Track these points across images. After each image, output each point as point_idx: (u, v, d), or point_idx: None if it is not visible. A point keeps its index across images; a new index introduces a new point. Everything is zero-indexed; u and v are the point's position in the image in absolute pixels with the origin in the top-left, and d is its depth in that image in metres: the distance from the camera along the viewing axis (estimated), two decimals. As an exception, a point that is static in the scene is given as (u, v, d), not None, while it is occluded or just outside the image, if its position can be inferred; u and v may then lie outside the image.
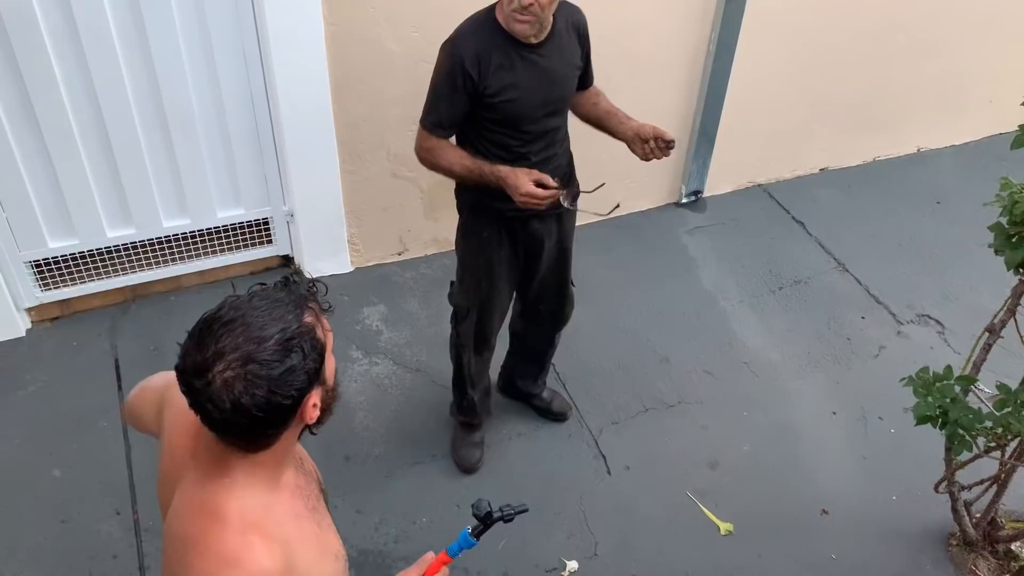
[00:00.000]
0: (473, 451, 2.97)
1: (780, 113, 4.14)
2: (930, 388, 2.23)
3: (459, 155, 2.40)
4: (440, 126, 2.38)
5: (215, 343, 1.15)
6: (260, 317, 1.17)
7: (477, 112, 2.35)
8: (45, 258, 3.22)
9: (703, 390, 3.26)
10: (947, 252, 3.99)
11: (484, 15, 2.33)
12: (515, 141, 2.39)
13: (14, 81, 2.84)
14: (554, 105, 2.41)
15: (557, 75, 2.37)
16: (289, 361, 1.16)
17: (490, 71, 2.27)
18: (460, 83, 2.28)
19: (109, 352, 3.25)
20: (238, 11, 2.98)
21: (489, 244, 2.55)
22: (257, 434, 1.21)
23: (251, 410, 1.14)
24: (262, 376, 1.14)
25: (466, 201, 2.56)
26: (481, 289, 2.64)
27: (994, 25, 4.30)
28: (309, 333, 1.19)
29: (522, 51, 2.29)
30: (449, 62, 2.30)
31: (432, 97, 2.38)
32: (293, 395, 1.17)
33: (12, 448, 2.91)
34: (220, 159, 3.27)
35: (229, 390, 1.13)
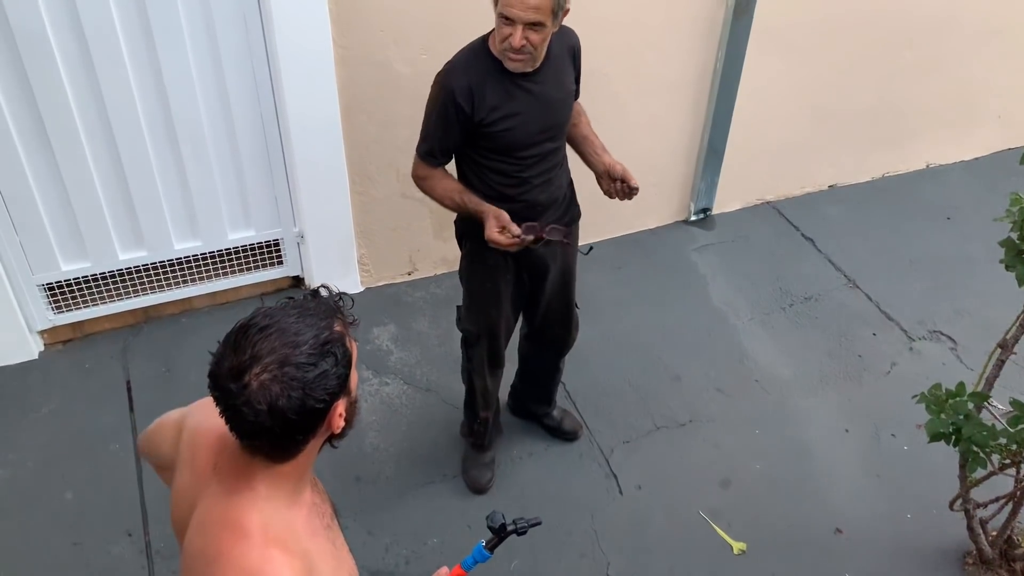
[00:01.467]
0: (484, 472, 2.96)
1: (788, 130, 4.14)
2: (943, 405, 2.22)
3: (450, 187, 2.42)
4: (432, 155, 2.40)
5: (251, 347, 1.18)
6: (294, 324, 1.20)
7: (474, 140, 2.36)
8: (58, 281, 3.24)
9: (714, 408, 3.25)
10: (958, 268, 3.97)
11: (478, 45, 2.34)
12: (514, 167, 2.40)
13: (27, 105, 2.87)
14: (552, 131, 2.42)
15: (553, 101, 2.38)
16: (324, 365, 1.19)
17: (484, 103, 2.28)
18: (452, 115, 2.30)
19: (121, 374, 3.27)
20: (249, 35, 3.01)
21: (495, 270, 2.55)
22: (287, 440, 1.22)
23: (287, 413, 1.17)
24: (298, 379, 1.17)
25: (468, 230, 2.56)
26: (490, 316, 2.64)
27: (1002, 40, 4.30)
28: (341, 340, 1.22)
29: (517, 80, 2.30)
30: (441, 95, 2.31)
31: (425, 127, 2.40)
32: (326, 399, 1.20)
33: (25, 470, 2.92)
34: (231, 181, 3.29)
35: (266, 392, 1.16)
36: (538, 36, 2.19)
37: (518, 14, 2.13)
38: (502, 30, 2.19)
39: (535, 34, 2.18)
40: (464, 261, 2.65)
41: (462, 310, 2.74)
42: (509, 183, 2.40)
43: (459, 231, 2.63)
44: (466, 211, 2.41)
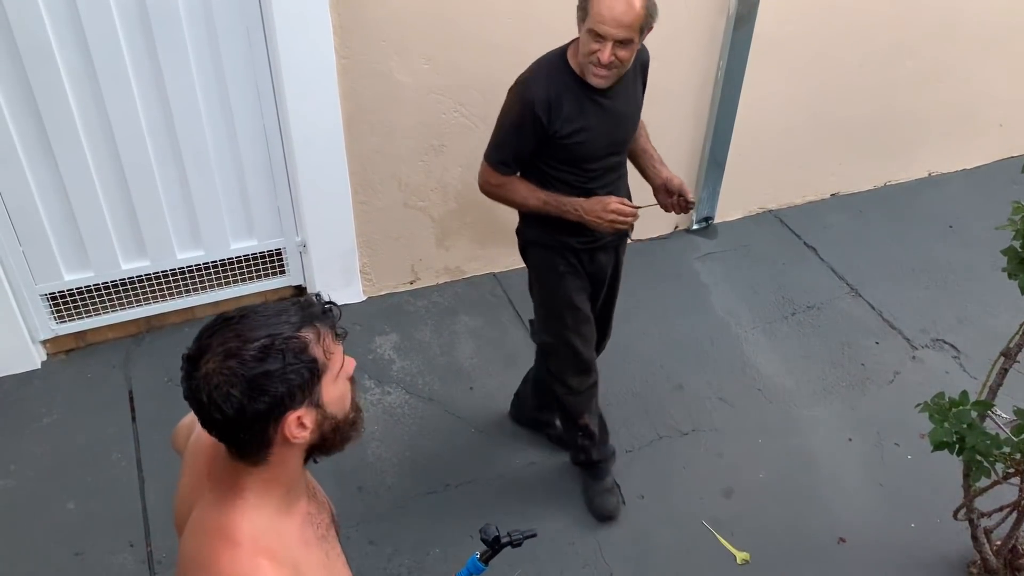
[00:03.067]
0: (609, 498, 2.88)
1: (790, 139, 4.15)
2: (946, 414, 2.21)
3: (530, 189, 2.44)
4: (506, 164, 2.42)
5: (211, 336, 1.19)
6: (257, 321, 1.20)
7: (545, 151, 2.38)
8: (61, 291, 3.25)
9: (717, 417, 3.24)
10: (961, 276, 3.97)
11: (557, 58, 2.36)
12: (580, 178, 2.43)
13: (31, 116, 2.89)
14: (619, 145, 2.45)
15: (623, 116, 2.41)
16: (269, 364, 1.17)
17: (561, 115, 2.31)
18: (529, 126, 2.32)
19: (123, 384, 3.27)
20: (251, 46, 3.02)
21: (567, 276, 2.56)
22: (237, 438, 1.21)
23: (223, 407, 1.16)
24: (238, 374, 1.16)
25: (535, 239, 2.57)
26: (567, 321, 2.63)
27: (1003, 48, 4.31)
28: (297, 344, 1.19)
29: (592, 94, 2.32)
30: (519, 105, 2.34)
31: (499, 136, 2.42)
32: (266, 401, 1.17)
33: (27, 480, 2.92)
34: (234, 191, 3.30)
35: (208, 381, 1.16)
36: (626, 53, 2.21)
37: (609, 31, 2.15)
38: (590, 45, 2.21)
39: (623, 50, 2.20)
40: (533, 273, 2.66)
41: (536, 322, 2.73)
42: (574, 194, 2.42)
43: (524, 241, 2.64)
44: (557, 208, 2.42)
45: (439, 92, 3.32)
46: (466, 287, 3.81)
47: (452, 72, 3.29)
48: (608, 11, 2.15)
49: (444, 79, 3.29)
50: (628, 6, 2.15)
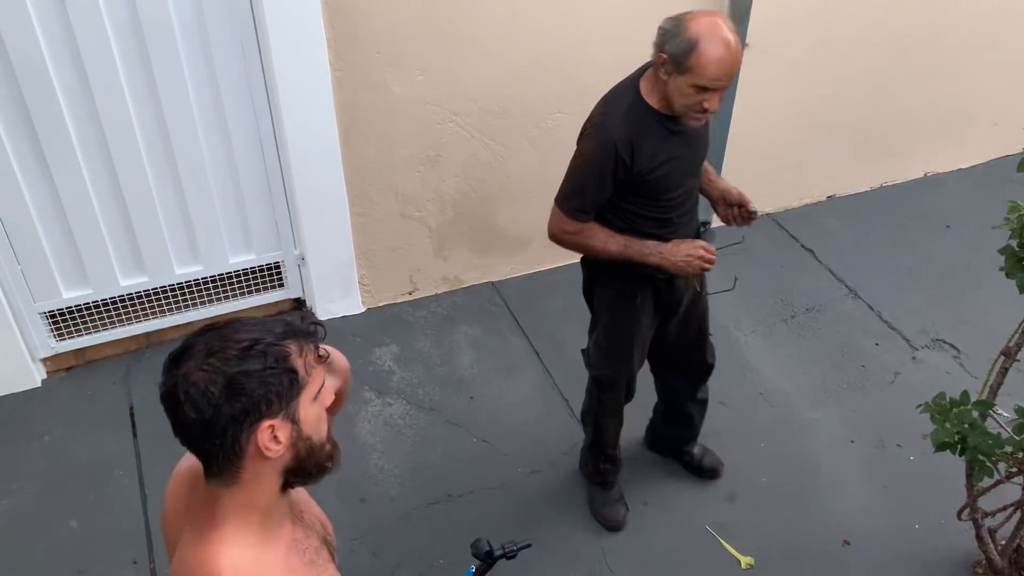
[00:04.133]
0: (618, 508, 2.89)
1: (785, 142, 4.15)
2: (947, 414, 2.21)
3: (609, 235, 2.37)
4: (584, 211, 2.34)
5: (195, 338, 1.20)
6: (243, 326, 1.21)
7: (624, 189, 2.32)
8: (60, 308, 3.25)
9: (718, 422, 3.24)
10: (959, 276, 3.97)
11: (629, 94, 2.28)
12: (661, 209, 2.38)
13: (27, 134, 2.89)
14: (697, 168, 2.42)
15: (698, 138, 2.38)
16: (247, 364, 1.16)
17: (644, 153, 2.25)
18: (610, 169, 2.25)
19: (124, 400, 3.26)
20: (246, 61, 3.03)
21: (639, 310, 2.52)
22: (210, 444, 1.19)
23: (200, 404, 1.15)
24: (219, 370, 1.15)
25: (613, 267, 2.48)
26: (633, 357, 2.60)
27: (995, 48, 4.32)
28: (279, 351, 1.19)
29: (669, 125, 2.27)
30: (601, 150, 2.25)
31: (577, 182, 2.33)
32: (243, 402, 1.16)
33: (29, 498, 2.91)
34: (231, 206, 3.30)
35: (187, 378, 1.16)
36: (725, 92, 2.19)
37: (723, 84, 2.13)
38: (694, 97, 2.15)
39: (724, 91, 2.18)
40: (603, 302, 2.59)
41: (594, 354, 2.67)
42: (655, 225, 2.38)
43: (591, 274, 2.58)
44: (630, 254, 2.36)
45: (434, 103, 3.33)
46: (465, 296, 3.81)
47: (447, 83, 3.30)
48: (719, 68, 2.09)
49: (439, 90, 3.30)
50: (734, 53, 2.10)
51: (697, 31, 2.10)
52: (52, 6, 2.72)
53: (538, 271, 3.94)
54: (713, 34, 2.10)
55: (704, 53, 2.09)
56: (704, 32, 2.10)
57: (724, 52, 2.09)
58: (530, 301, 3.79)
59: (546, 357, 3.51)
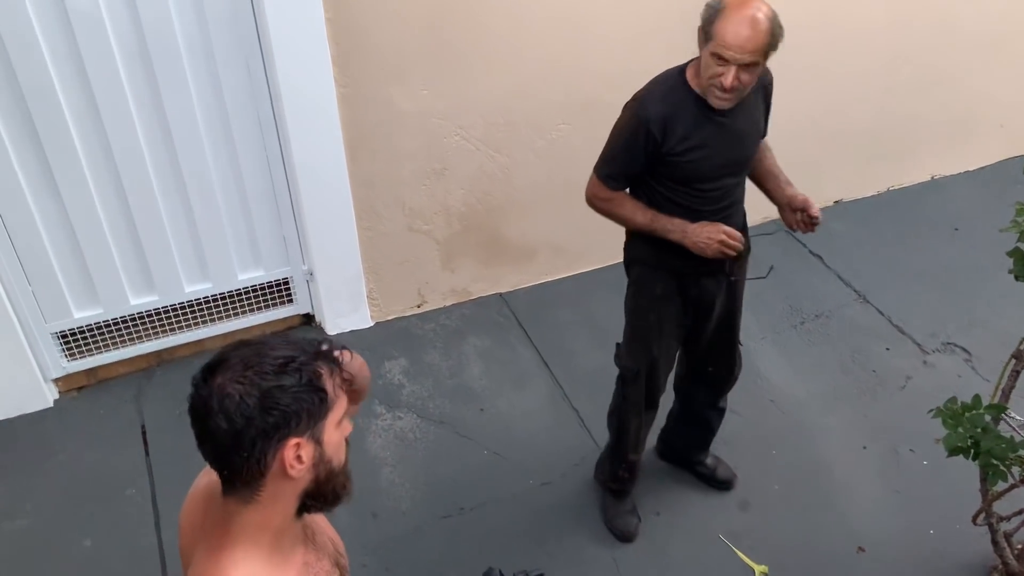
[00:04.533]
0: (630, 519, 2.89)
1: (790, 148, 4.11)
2: (959, 418, 2.20)
3: (638, 207, 2.42)
4: (614, 179, 2.41)
5: (230, 352, 1.21)
6: (277, 346, 1.22)
7: (656, 169, 2.35)
8: (71, 328, 3.26)
9: (729, 429, 3.22)
10: (969, 278, 3.95)
11: (675, 75, 2.32)
12: (692, 199, 2.38)
13: (36, 156, 2.92)
14: (735, 166, 2.40)
15: (741, 136, 2.37)
16: (284, 379, 1.18)
17: (675, 133, 2.27)
18: (642, 143, 2.29)
19: (136, 418, 3.28)
20: (251, 79, 3.05)
21: (661, 302, 2.53)
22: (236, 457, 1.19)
23: (232, 414, 1.16)
24: (255, 383, 1.17)
25: (640, 256, 2.54)
26: (651, 350, 2.61)
27: (1000, 49, 4.32)
28: (314, 371, 1.21)
29: (709, 113, 2.28)
30: (634, 122, 2.31)
31: (610, 151, 2.40)
32: (275, 415, 1.17)
33: (43, 519, 2.92)
34: (239, 223, 3.32)
35: (221, 389, 1.17)
36: (749, 76, 2.17)
37: (735, 56, 2.12)
38: (714, 68, 2.17)
39: (747, 74, 2.16)
40: (630, 291, 2.63)
41: (622, 345, 2.69)
42: (684, 213, 2.38)
43: (628, 257, 2.62)
44: (655, 227, 2.40)
45: (439, 117, 3.34)
46: (473, 308, 3.81)
47: (451, 97, 3.31)
48: (734, 37, 2.09)
49: (444, 104, 3.32)
50: (755, 31, 2.09)
51: (729, 1, 2.15)
52: (59, 29, 2.74)
53: (546, 281, 3.94)
54: (741, 5, 2.12)
55: (725, 19, 2.12)
56: (733, 3, 2.14)
57: (742, 22, 2.10)
58: (539, 312, 3.79)
59: (555, 368, 3.51)
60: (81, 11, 2.73)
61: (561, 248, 3.88)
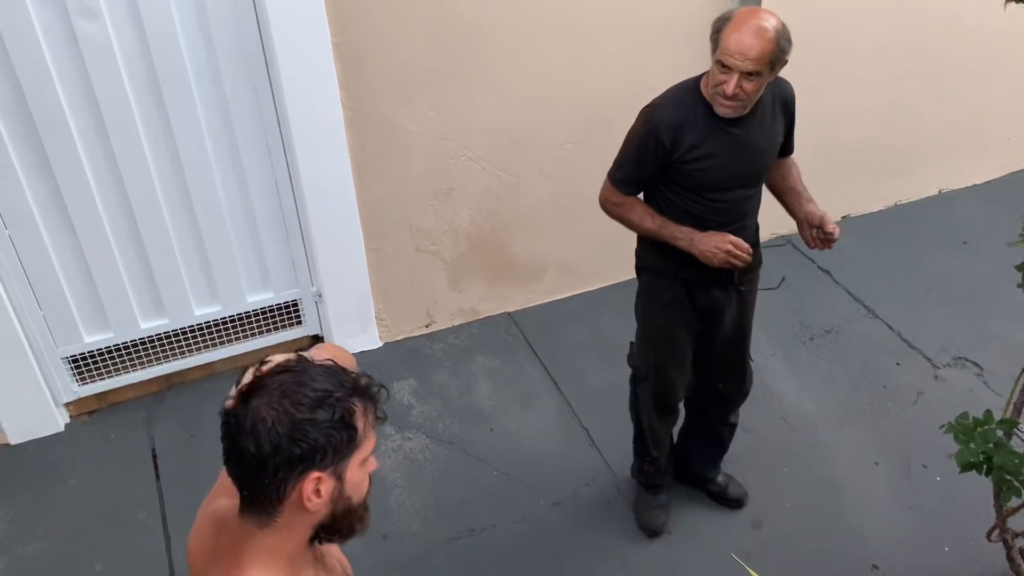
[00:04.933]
0: (658, 514, 2.91)
1: (798, 163, 4.15)
2: (971, 434, 2.18)
3: (648, 212, 2.46)
4: (626, 183, 2.45)
5: (271, 379, 1.21)
6: (317, 376, 1.22)
7: (667, 176, 2.39)
8: (81, 353, 3.28)
9: (740, 447, 3.21)
10: (979, 292, 3.94)
11: (690, 84, 2.37)
12: (701, 208, 2.41)
13: (47, 183, 2.94)
14: (747, 178, 2.42)
15: (755, 149, 2.38)
16: (317, 413, 1.19)
17: (685, 141, 2.31)
18: (652, 149, 2.34)
19: (146, 442, 3.28)
20: (260, 104, 3.08)
21: (670, 308, 2.56)
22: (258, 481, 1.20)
23: (262, 440, 1.17)
24: (288, 413, 1.18)
25: (649, 263, 2.58)
26: (660, 352, 2.64)
27: (1005, 64, 4.32)
28: (348, 408, 1.21)
29: (722, 123, 2.31)
30: (644, 128, 2.36)
31: (623, 156, 2.45)
32: (303, 447, 1.18)
33: (54, 544, 2.92)
34: (248, 246, 3.34)
35: (256, 413, 1.18)
36: (752, 85, 2.20)
37: (736, 63, 2.15)
38: (717, 76, 2.22)
39: (750, 83, 2.19)
40: (640, 297, 2.66)
41: (633, 346, 2.73)
42: (693, 222, 2.41)
43: (640, 263, 2.65)
44: (664, 234, 2.42)
45: (446, 138, 3.36)
46: (482, 328, 3.82)
47: (458, 118, 3.33)
48: (736, 44, 2.14)
49: (450, 125, 3.34)
50: (757, 39, 2.13)
51: (736, 11, 2.20)
52: (69, 56, 2.78)
53: (554, 300, 3.94)
54: (746, 14, 2.17)
55: (731, 27, 2.17)
56: (739, 12, 2.19)
57: (747, 31, 2.14)
58: (547, 331, 3.79)
59: (564, 387, 3.51)
60: (91, 38, 2.77)
61: (569, 266, 3.89)
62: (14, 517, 3.00)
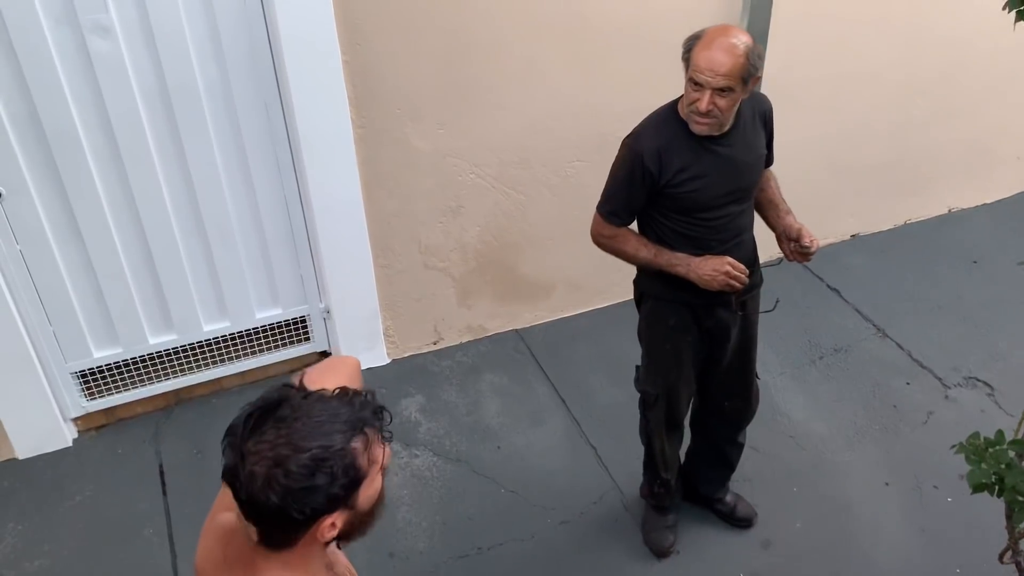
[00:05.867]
0: (666, 534, 2.90)
1: (807, 183, 4.15)
2: (983, 454, 2.16)
3: (642, 243, 2.46)
4: (616, 215, 2.45)
5: (261, 435, 1.18)
6: (309, 426, 1.18)
7: (658, 201, 2.39)
8: (90, 368, 3.29)
9: (749, 467, 3.19)
10: (989, 311, 3.92)
11: (666, 110, 2.39)
12: (697, 229, 2.41)
13: (59, 198, 2.96)
14: (737, 194, 2.42)
15: (741, 164, 2.39)
16: (314, 480, 1.16)
17: (671, 165, 2.32)
18: (639, 177, 2.34)
19: (154, 458, 3.28)
20: (270, 121, 3.10)
21: (676, 331, 2.55)
22: (269, 528, 1.21)
23: (262, 508, 1.17)
24: (283, 485, 1.15)
25: (650, 290, 2.58)
26: (669, 377, 2.63)
27: (1015, 81, 4.32)
28: (346, 458, 1.19)
29: (704, 142, 2.32)
30: (629, 157, 2.36)
31: (610, 188, 2.45)
32: (306, 513, 1.18)
33: (61, 560, 2.92)
34: (257, 262, 3.35)
35: (252, 482, 1.16)
36: (726, 101, 2.22)
37: (708, 80, 2.17)
38: (690, 94, 2.24)
39: (723, 99, 2.21)
40: (643, 322, 2.66)
41: (640, 370, 2.72)
42: (690, 244, 2.41)
43: (638, 291, 2.65)
44: (658, 265, 2.43)
45: (455, 156, 3.37)
46: (489, 345, 3.81)
47: (467, 136, 3.35)
48: (706, 61, 2.17)
49: (459, 143, 3.35)
50: (727, 55, 2.16)
51: (706, 30, 2.23)
52: (82, 73, 2.81)
53: (562, 317, 3.94)
54: (715, 32, 2.21)
55: (701, 45, 2.20)
56: (709, 30, 2.22)
57: (717, 48, 2.17)
58: (555, 348, 3.78)
59: (572, 405, 3.50)
60: (103, 55, 2.79)
61: (577, 284, 3.89)
62: (21, 532, 3.00)
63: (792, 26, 3.65)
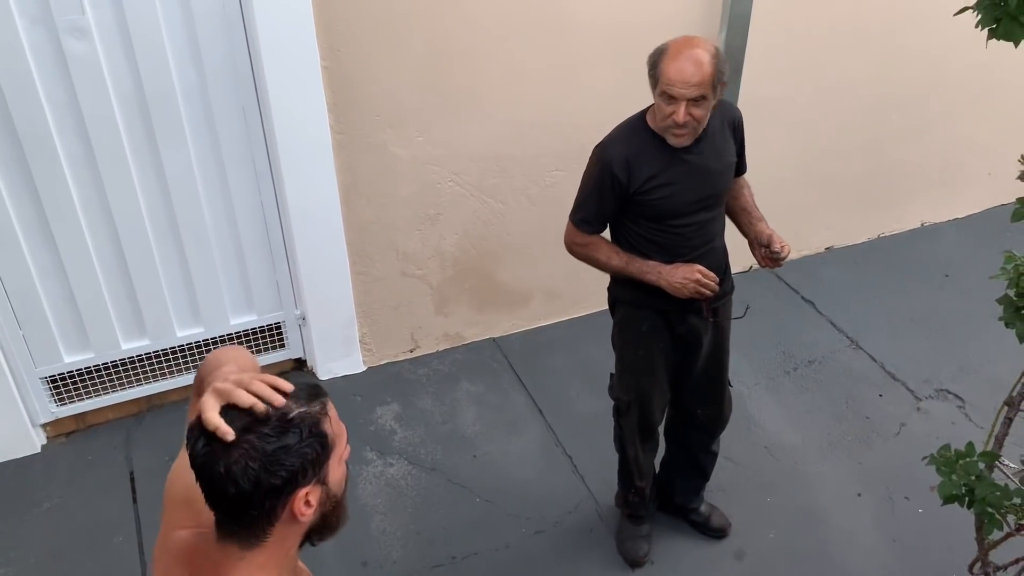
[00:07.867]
0: (641, 544, 2.90)
1: (782, 195, 4.18)
2: (953, 466, 2.18)
3: (613, 250, 2.48)
4: (588, 223, 2.47)
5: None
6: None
7: (629, 209, 2.41)
8: (61, 373, 3.24)
9: (723, 477, 3.20)
10: (960, 325, 3.97)
11: (636, 120, 2.41)
12: (668, 236, 2.43)
13: (31, 200, 2.93)
14: (707, 201, 2.44)
15: (711, 172, 2.41)
16: (284, 439, 1.18)
17: (641, 173, 2.34)
18: (608, 185, 2.37)
19: (124, 465, 3.24)
20: (248, 126, 3.08)
21: (648, 338, 2.57)
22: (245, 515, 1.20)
23: (240, 480, 1.16)
24: (258, 448, 1.16)
25: (623, 297, 2.59)
26: (642, 383, 2.64)
27: (986, 101, 4.39)
28: (311, 419, 1.21)
29: (676, 152, 2.35)
30: (599, 166, 2.39)
31: (581, 196, 2.47)
32: (283, 476, 1.17)
33: (28, 567, 2.87)
34: (232, 267, 3.33)
35: (227, 455, 1.16)
36: (701, 110, 2.24)
37: (681, 92, 2.20)
38: (664, 108, 2.25)
39: (698, 109, 2.23)
40: (616, 328, 2.67)
41: (614, 378, 2.73)
42: (661, 252, 2.43)
43: (612, 298, 2.66)
44: (631, 270, 2.44)
45: (434, 163, 3.37)
46: (466, 353, 3.80)
47: (446, 143, 3.35)
48: (678, 73, 2.19)
49: (438, 150, 3.35)
50: (697, 66, 2.19)
51: (669, 43, 2.25)
52: (57, 74, 2.78)
53: (539, 326, 3.94)
54: (679, 44, 2.23)
55: (668, 59, 2.23)
56: (672, 43, 2.25)
57: (685, 59, 2.20)
58: (532, 357, 3.78)
59: (549, 414, 3.50)
60: (79, 57, 2.76)
61: (555, 293, 3.89)
62: (-13, 540, 2.95)
63: (769, 41, 3.69)
